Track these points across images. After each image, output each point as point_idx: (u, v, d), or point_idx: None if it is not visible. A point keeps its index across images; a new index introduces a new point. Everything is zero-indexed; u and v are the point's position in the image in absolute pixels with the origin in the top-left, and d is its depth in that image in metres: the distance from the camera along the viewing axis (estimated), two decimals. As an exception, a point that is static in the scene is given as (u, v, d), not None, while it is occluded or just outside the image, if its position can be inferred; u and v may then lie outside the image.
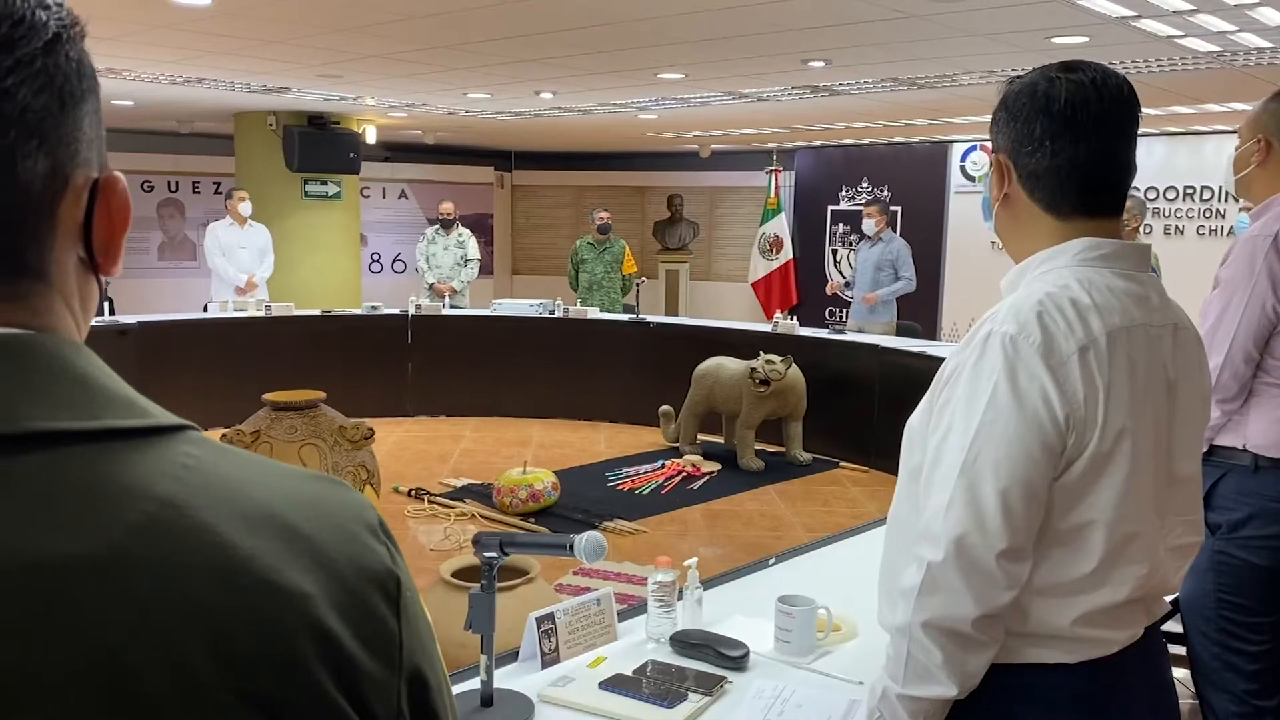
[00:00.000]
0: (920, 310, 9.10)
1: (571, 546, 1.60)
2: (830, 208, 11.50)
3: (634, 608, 2.12)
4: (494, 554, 1.66)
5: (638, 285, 8.58)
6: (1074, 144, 1.31)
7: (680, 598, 2.03)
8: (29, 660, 0.46)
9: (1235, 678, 2.29)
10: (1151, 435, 1.31)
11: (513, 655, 1.90)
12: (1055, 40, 5.14)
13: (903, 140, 10.59)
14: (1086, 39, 5.05)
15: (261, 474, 0.57)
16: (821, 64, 6.02)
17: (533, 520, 5.33)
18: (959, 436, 1.26)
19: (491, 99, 7.97)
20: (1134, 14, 4.52)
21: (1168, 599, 1.45)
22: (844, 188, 11.33)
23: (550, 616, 1.90)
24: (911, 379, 6.42)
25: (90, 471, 0.50)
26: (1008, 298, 1.34)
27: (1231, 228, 8.55)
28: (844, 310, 9.56)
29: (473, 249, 8.87)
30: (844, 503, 6.02)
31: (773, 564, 2.43)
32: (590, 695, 1.75)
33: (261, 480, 0.56)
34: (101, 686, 0.47)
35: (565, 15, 4.95)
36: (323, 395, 5.02)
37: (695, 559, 2.08)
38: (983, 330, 1.29)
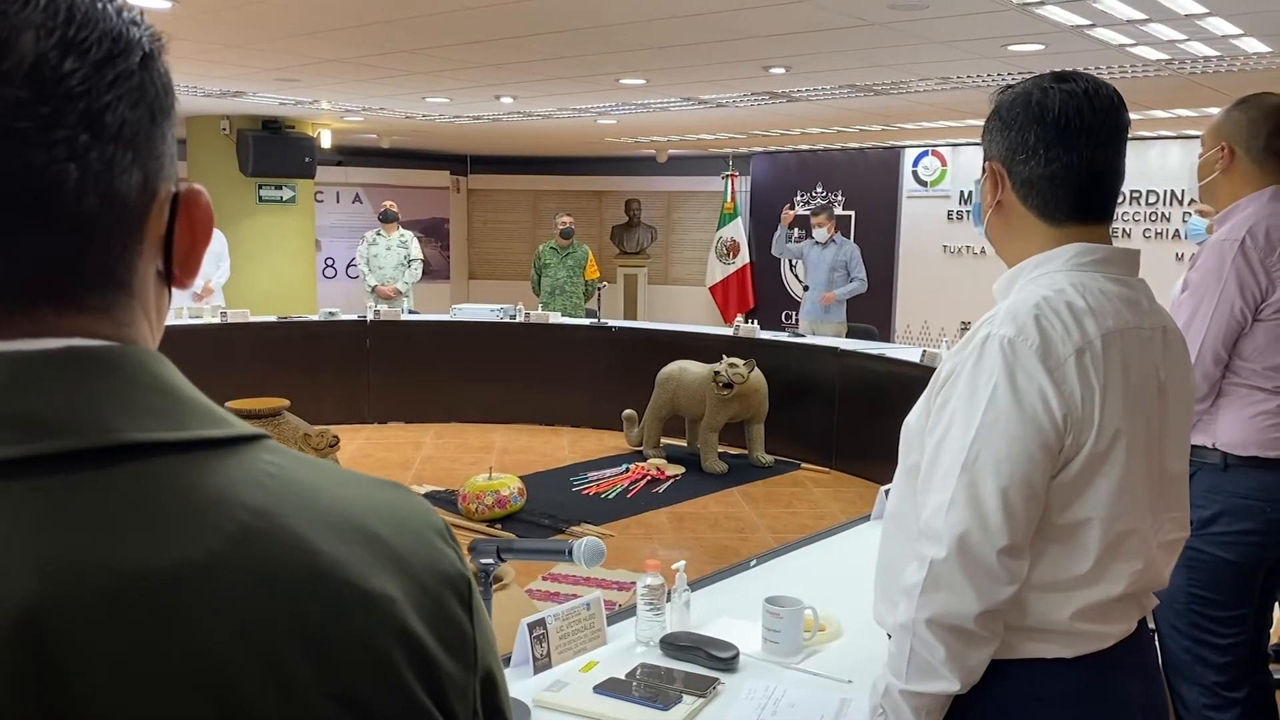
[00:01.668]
0: (873, 313, 9.21)
1: (570, 552, 1.60)
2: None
3: (611, 613, 2.13)
4: (490, 561, 1.66)
5: (600, 290, 8.59)
6: (1067, 152, 1.35)
7: (668, 600, 2.04)
8: (138, 670, 0.46)
9: (1205, 670, 2.35)
10: (1144, 435, 1.34)
11: (504, 661, 1.90)
12: (1011, 48, 5.23)
13: (856, 146, 10.72)
14: (1042, 47, 5.15)
15: (337, 481, 0.58)
16: (782, 70, 6.08)
17: (499, 526, 5.31)
18: (959, 436, 1.29)
19: (451, 103, 7.93)
20: (1088, 23, 4.62)
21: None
22: (799, 192, 11.43)
23: (541, 622, 1.90)
24: (871, 381, 6.51)
25: (182, 482, 0.51)
26: (1002, 302, 1.38)
27: (1178, 230, 8.76)
28: (797, 312, 9.64)
29: (415, 249, 8.75)
30: (806, 504, 6.08)
31: (754, 565, 2.46)
32: (585, 700, 1.75)
33: (338, 488, 0.57)
34: (207, 694, 0.47)
35: (528, 20, 4.94)
36: (286, 403, 4.97)
37: (684, 562, 2.09)
38: (980, 333, 1.32)
